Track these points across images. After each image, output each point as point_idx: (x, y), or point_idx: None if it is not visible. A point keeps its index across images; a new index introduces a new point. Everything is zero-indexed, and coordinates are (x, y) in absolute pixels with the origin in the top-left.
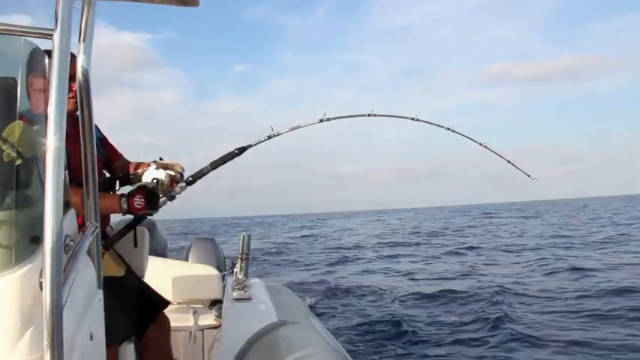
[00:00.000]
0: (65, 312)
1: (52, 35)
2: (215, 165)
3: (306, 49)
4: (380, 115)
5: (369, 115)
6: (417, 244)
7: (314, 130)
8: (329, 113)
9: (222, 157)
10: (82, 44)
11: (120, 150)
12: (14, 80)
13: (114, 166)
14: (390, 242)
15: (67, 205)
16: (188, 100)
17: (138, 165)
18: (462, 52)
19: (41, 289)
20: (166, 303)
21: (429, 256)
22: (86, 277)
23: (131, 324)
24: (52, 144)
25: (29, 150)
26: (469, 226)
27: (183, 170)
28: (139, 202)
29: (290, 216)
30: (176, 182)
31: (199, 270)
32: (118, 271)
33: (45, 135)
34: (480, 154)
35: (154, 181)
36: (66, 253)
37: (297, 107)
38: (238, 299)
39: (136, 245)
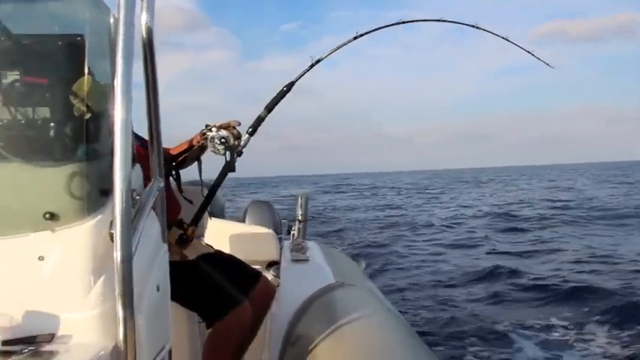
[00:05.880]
0: (134, 263)
1: None
2: (269, 107)
3: (357, 4)
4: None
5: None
6: None
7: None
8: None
9: (274, 99)
10: (144, 2)
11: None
12: (82, 37)
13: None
14: None
15: (132, 160)
16: (236, 60)
17: (184, 142)
18: (513, 10)
19: (112, 239)
20: (259, 272)
21: None
22: (152, 230)
23: (237, 291)
24: (120, 98)
25: (98, 104)
26: None
27: (239, 124)
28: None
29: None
30: (238, 138)
31: (257, 231)
32: (210, 249)
33: (113, 90)
34: None
35: (223, 140)
36: (133, 206)
37: (342, 65)
38: (296, 260)
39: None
